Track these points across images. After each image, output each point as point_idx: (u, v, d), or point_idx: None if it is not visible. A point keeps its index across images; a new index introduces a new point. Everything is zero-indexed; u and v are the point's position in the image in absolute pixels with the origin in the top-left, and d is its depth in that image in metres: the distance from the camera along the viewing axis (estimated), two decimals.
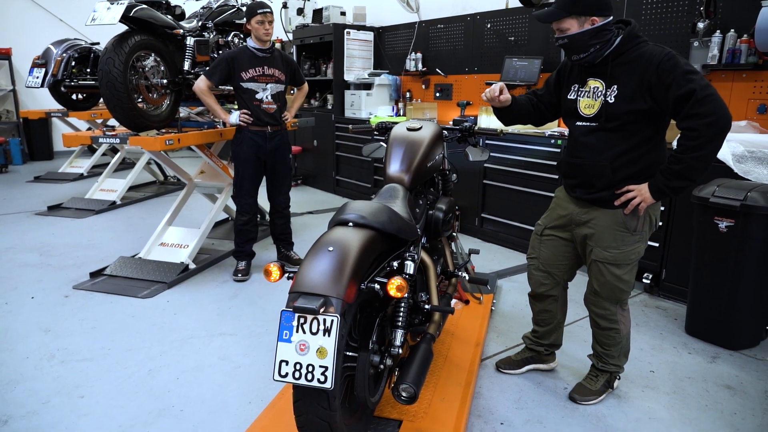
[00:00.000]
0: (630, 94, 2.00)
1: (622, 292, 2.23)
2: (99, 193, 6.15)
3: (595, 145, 2.12)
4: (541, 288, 2.47)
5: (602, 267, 2.20)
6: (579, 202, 2.25)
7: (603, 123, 2.08)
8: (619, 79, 2.02)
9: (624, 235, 2.14)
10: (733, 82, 3.59)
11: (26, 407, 2.33)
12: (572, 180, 2.26)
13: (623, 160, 2.08)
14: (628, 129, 2.05)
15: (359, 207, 1.93)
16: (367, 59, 6.61)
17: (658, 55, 1.93)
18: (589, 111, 2.13)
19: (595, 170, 2.12)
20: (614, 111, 2.04)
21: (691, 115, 1.87)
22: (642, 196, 2.05)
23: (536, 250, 2.46)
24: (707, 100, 1.84)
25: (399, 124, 2.60)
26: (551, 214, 2.41)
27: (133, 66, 3.53)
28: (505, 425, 2.23)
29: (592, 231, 2.20)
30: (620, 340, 2.31)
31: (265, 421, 2.14)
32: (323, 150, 6.83)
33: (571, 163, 2.23)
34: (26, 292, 3.55)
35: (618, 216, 2.13)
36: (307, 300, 1.60)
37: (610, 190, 2.11)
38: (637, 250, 2.18)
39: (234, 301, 3.46)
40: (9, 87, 8.60)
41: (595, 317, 2.32)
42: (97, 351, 2.81)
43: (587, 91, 2.13)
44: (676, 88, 1.88)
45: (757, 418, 2.30)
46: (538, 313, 2.56)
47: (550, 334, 2.56)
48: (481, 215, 4.77)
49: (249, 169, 3.71)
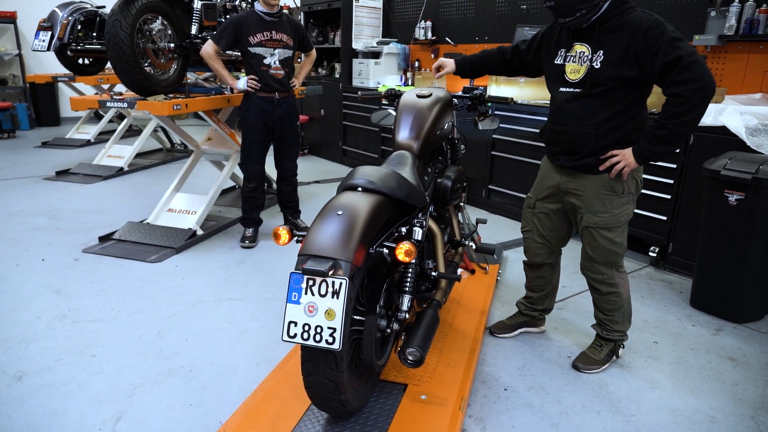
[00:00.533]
0: (616, 60, 2.00)
1: (617, 255, 2.26)
2: (106, 159, 6.16)
3: (579, 111, 2.13)
4: (538, 258, 2.52)
5: (594, 232, 2.23)
6: (564, 170, 2.27)
7: (588, 89, 2.08)
8: (606, 44, 2.02)
9: (612, 198, 2.18)
10: (749, 53, 3.52)
11: (40, 364, 2.38)
12: (556, 147, 2.27)
13: (607, 126, 2.09)
14: (612, 95, 2.06)
15: (368, 172, 1.93)
16: (375, 27, 6.51)
17: (645, 22, 1.93)
18: (574, 76, 2.13)
19: (579, 137, 2.14)
20: (599, 77, 2.04)
21: (677, 82, 1.88)
22: (626, 160, 2.07)
23: (530, 223, 2.50)
24: (693, 67, 1.84)
25: (409, 91, 2.57)
26: (539, 186, 2.44)
27: (140, 29, 3.50)
28: (508, 391, 2.27)
29: (580, 198, 2.23)
30: (622, 304, 2.34)
31: (273, 382, 2.18)
32: (330, 119, 6.79)
33: (555, 130, 2.25)
34: (37, 254, 3.60)
35: (604, 180, 2.16)
36: (317, 262, 1.62)
37: (594, 156, 2.14)
38: (626, 212, 2.21)
39: (241, 267, 3.50)
40: (15, 51, 8.54)
41: (594, 283, 2.35)
42: (108, 312, 2.86)
43: (573, 56, 2.13)
44: (663, 55, 1.89)
45: (759, 389, 2.32)
46: (533, 280, 2.61)
47: (544, 300, 2.63)
48: (489, 187, 4.76)
49: (256, 136, 3.69)
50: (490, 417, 2.10)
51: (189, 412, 2.10)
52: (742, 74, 3.57)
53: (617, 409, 2.16)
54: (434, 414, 2.00)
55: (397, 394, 2.11)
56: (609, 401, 2.21)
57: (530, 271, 2.62)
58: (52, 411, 2.09)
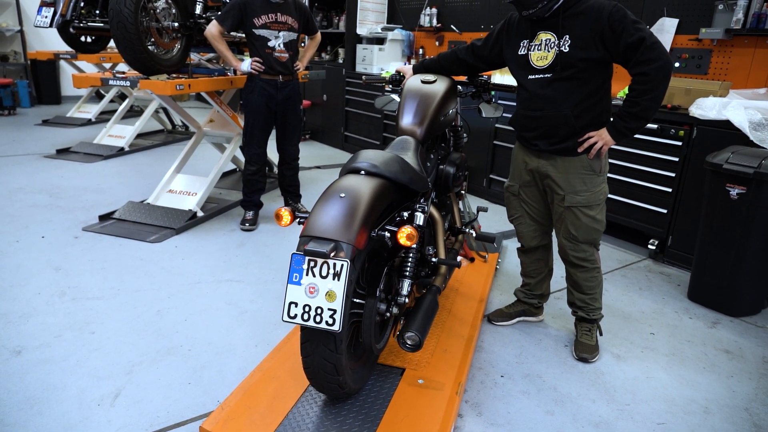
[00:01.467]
0: (583, 43, 2.10)
1: (597, 232, 2.35)
2: (107, 139, 6.14)
3: (554, 95, 2.20)
4: (534, 241, 2.57)
5: (577, 211, 2.29)
6: (542, 154, 2.33)
7: (558, 72, 2.16)
8: (572, 29, 2.12)
9: (592, 177, 2.27)
10: (756, 48, 3.50)
11: (39, 339, 2.39)
12: (531, 133, 2.32)
13: (582, 106, 2.19)
14: (582, 77, 2.15)
15: (372, 156, 1.93)
16: (380, 13, 6.45)
17: (607, 7, 2.05)
18: (542, 63, 2.20)
19: (557, 120, 2.21)
20: (569, 59, 2.13)
21: (642, 62, 2.01)
22: (603, 139, 2.19)
23: (518, 209, 2.55)
24: (655, 47, 1.99)
25: (413, 77, 2.56)
26: (518, 174, 2.49)
27: (144, 7, 3.46)
28: (505, 378, 2.28)
29: (560, 180, 2.29)
30: (601, 280, 2.45)
31: (271, 363, 2.19)
32: (333, 105, 6.76)
33: (530, 116, 2.30)
34: (37, 231, 3.60)
35: (583, 161, 2.25)
36: (318, 244, 1.62)
37: (573, 139, 2.22)
38: (603, 190, 2.32)
39: (241, 250, 3.50)
40: (16, 27, 8.47)
41: (579, 261, 2.39)
42: (107, 290, 2.87)
43: (538, 45, 2.21)
44: (627, 36, 2.01)
45: (753, 381, 2.34)
46: (530, 264, 2.65)
47: (542, 284, 2.66)
48: (490, 176, 4.75)
49: (259, 119, 3.68)
50: (486, 403, 2.12)
51: (187, 391, 2.12)
52: (748, 68, 3.55)
53: (612, 397, 2.18)
54: (431, 398, 2.01)
55: (395, 377, 2.13)
56: (604, 390, 2.23)
57: (526, 257, 2.65)
58: (51, 386, 2.10)
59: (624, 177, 3.66)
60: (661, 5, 3.90)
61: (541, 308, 2.75)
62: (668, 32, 3.87)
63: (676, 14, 3.84)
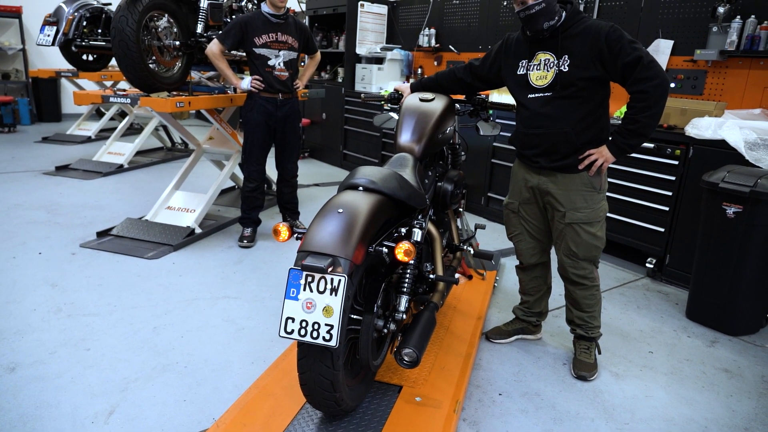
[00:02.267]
0: (582, 63, 2.14)
1: (597, 249, 2.36)
2: (107, 156, 6.16)
3: (554, 113, 2.23)
4: (533, 258, 2.57)
5: (577, 228, 2.30)
6: (542, 171, 2.35)
7: (558, 91, 2.20)
8: (570, 49, 2.16)
9: (592, 194, 2.28)
10: (750, 69, 3.55)
11: (33, 356, 2.37)
12: (532, 150, 2.34)
13: (583, 124, 2.22)
14: (581, 95, 2.19)
15: (369, 172, 1.94)
16: (379, 33, 6.54)
17: (604, 28, 2.10)
18: (541, 82, 2.24)
19: (558, 137, 2.24)
20: (569, 78, 2.17)
21: (640, 79, 2.05)
22: (603, 156, 2.21)
23: (517, 227, 2.56)
24: (651, 66, 2.04)
25: (412, 95, 2.59)
26: (518, 192, 2.50)
27: (146, 26, 3.51)
28: (503, 396, 2.26)
29: (561, 196, 2.31)
30: (600, 298, 2.45)
31: (267, 380, 2.17)
32: (332, 123, 6.80)
33: (531, 134, 2.33)
34: (34, 247, 3.59)
35: (584, 178, 2.27)
36: (316, 259, 1.62)
37: (574, 156, 2.25)
38: (603, 207, 2.33)
39: (239, 266, 3.49)
40: (19, 46, 8.55)
41: (579, 279, 2.39)
42: (103, 307, 2.85)
43: (537, 65, 2.25)
44: (624, 55, 2.06)
45: (753, 401, 2.32)
46: (529, 282, 2.64)
47: (540, 302, 2.65)
48: (488, 194, 4.77)
49: (258, 136, 3.70)
50: (484, 421, 2.10)
51: (182, 408, 2.10)
52: (743, 89, 3.60)
53: (611, 416, 2.16)
54: (428, 416, 1.99)
55: (392, 395, 2.11)
56: (603, 409, 2.21)
57: (524, 274, 2.64)
58: (45, 403, 2.08)
59: (622, 196, 3.67)
60: (656, 27, 3.97)
61: (540, 326, 2.74)
62: (664, 53, 3.93)
63: (671, 36, 3.90)
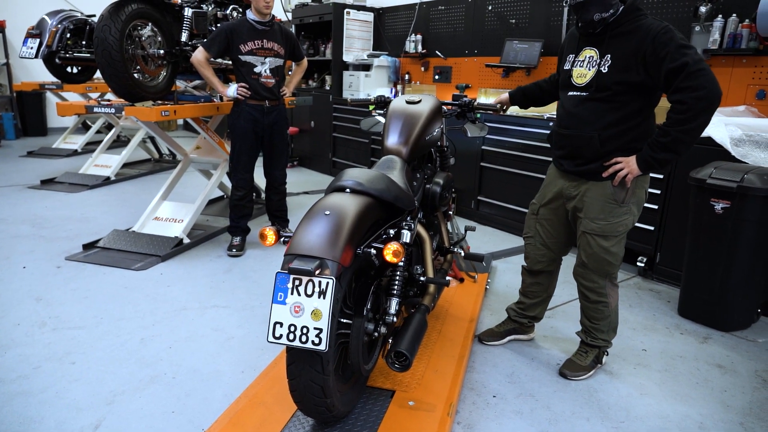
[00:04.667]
0: (623, 65, 2.01)
1: (610, 265, 2.25)
2: (93, 169, 6.10)
3: (585, 115, 2.14)
4: (538, 265, 2.50)
5: (590, 238, 2.22)
6: (567, 175, 2.28)
7: (593, 92, 2.10)
8: (614, 49, 2.04)
9: (612, 207, 2.16)
10: (733, 67, 3.58)
11: (17, 371, 2.32)
12: (560, 151, 2.28)
13: (612, 131, 2.09)
14: (618, 100, 2.06)
15: (356, 174, 1.92)
16: (366, 40, 6.55)
17: (654, 29, 1.95)
18: (580, 80, 2.15)
19: (583, 140, 2.14)
20: (606, 81, 2.05)
21: (681, 89, 1.90)
22: (629, 167, 2.08)
23: (532, 229, 2.49)
24: (698, 74, 1.86)
25: (398, 97, 2.58)
26: (543, 192, 2.44)
27: (129, 35, 3.48)
28: (497, 398, 2.24)
29: (582, 203, 2.22)
30: (609, 314, 2.34)
31: (257, 389, 2.13)
32: (320, 131, 6.79)
33: (561, 134, 2.25)
34: (18, 261, 3.52)
35: (606, 188, 2.15)
36: (303, 262, 1.59)
37: (598, 162, 2.14)
38: (625, 222, 2.19)
39: (228, 275, 3.45)
40: (2, 60, 8.48)
41: (584, 290, 2.34)
42: (89, 320, 2.80)
43: (581, 61, 2.15)
44: (670, 61, 1.90)
45: (747, 395, 2.31)
46: (530, 286, 2.59)
47: (536, 307, 2.60)
48: (478, 198, 4.77)
49: (246, 144, 3.68)
50: (478, 424, 2.07)
51: (171, 420, 2.05)
52: (726, 87, 3.62)
53: (606, 415, 2.14)
54: (422, 420, 1.96)
55: (385, 400, 2.08)
56: (598, 408, 2.19)
57: (528, 277, 2.59)
58: (28, 418, 2.02)
59: None
60: None
61: (533, 326, 2.71)
62: None
63: None
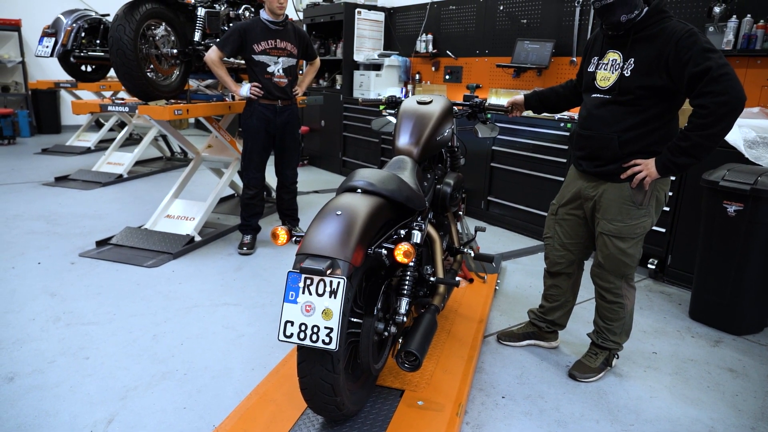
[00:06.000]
0: (646, 69, 2.00)
1: (627, 267, 2.24)
2: (106, 166, 6.16)
3: (606, 117, 2.13)
4: (556, 267, 2.50)
5: (607, 239, 2.22)
6: (586, 176, 2.27)
7: (616, 96, 2.09)
8: (638, 52, 2.02)
9: (630, 208, 2.15)
10: (747, 68, 3.55)
11: (32, 365, 2.35)
12: (580, 152, 2.28)
13: (632, 134, 2.08)
14: (640, 104, 2.05)
15: (368, 174, 1.93)
16: (377, 40, 6.56)
17: (678, 32, 1.92)
18: (604, 83, 2.14)
19: (602, 142, 2.14)
20: (628, 85, 2.04)
21: (704, 93, 1.87)
22: (648, 170, 2.06)
23: (551, 230, 2.49)
24: (722, 79, 1.83)
25: (409, 98, 2.59)
26: (562, 193, 2.44)
27: (143, 35, 3.52)
28: (506, 399, 2.24)
29: (600, 204, 2.22)
30: (623, 316, 2.32)
31: (268, 386, 2.15)
32: (331, 130, 6.81)
33: (581, 135, 2.25)
34: (33, 257, 3.58)
35: (625, 190, 2.14)
36: (314, 261, 1.61)
37: (616, 163, 2.13)
38: (643, 224, 2.18)
39: (239, 273, 3.48)
40: (18, 59, 8.59)
41: (601, 290, 2.33)
42: (102, 315, 2.83)
43: (605, 64, 2.14)
44: (693, 65, 1.87)
45: (759, 400, 2.30)
46: (549, 288, 2.58)
47: (555, 311, 2.57)
48: (488, 198, 4.76)
49: (258, 143, 3.70)
50: (487, 424, 2.07)
51: (182, 416, 2.07)
52: None
53: (616, 418, 2.14)
54: (431, 419, 1.97)
55: (394, 399, 2.09)
56: (608, 410, 2.19)
57: (547, 279, 2.58)
58: (43, 412, 2.05)
59: None
60: None
61: (555, 334, 2.66)
62: None
63: None
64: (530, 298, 3.24)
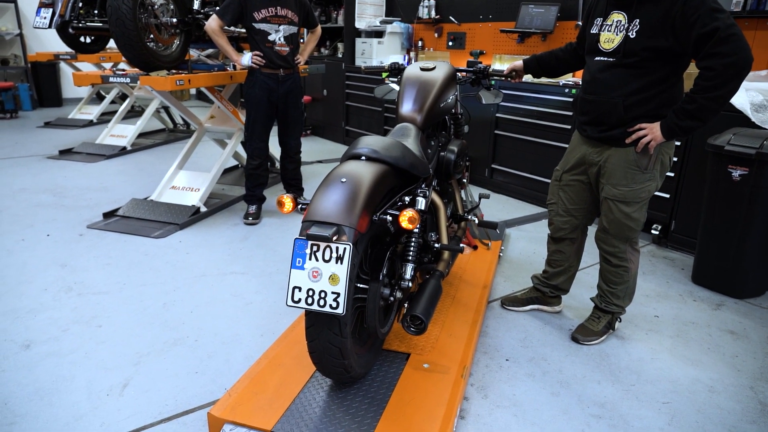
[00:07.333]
0: (651, 30, 1.97)
1: (631, 231, 2.25)
2: (109, 139, 6.17)
3: (610, 81, 2.11)
4: (560, 232, 2.51)
5: (612, 204, 2.22)
6: (591, 141, 2.26)
7: (620, 58, 2.06)
8: (643, 13, 1.99)
9: (635, 173, 2.15)
10: (756, 30, 3.49)
11: (47, 333, 2.41)
12: (584, 117, 2.26)
13: (636, 98, 2.07)
14: (645, 66, 2.03)
15: (372, 141, 1.93)
16: (378, 6, 6.45)
17: None
18: (608, 45, 2.10)
19: (607, 106, 2.12)
20: (633, 46, 2.01)
21: (711, 54, 1.84)
22: (653, 134, 2.05)
23: (555, 195, 2.49)
24: (730, 40, 1.80)
25: (413, 64, 2.57)
26: (566, 159, 2.43)
27: (142, 4, 3.47)
28: (510, 361, 2.29)
29: (604, 169, 2.22)
30: (628, 279, 2.35)
31: (277, 351, 2.20)
32: (333, 100, 6.76)
33: (585, 100, 2.23)
34: (42, 229, 3.62)
35: (630, 154, 2.14)
36: (321, 228, 1.63)
37: (621, 128, 2.12)
38: (648, 188, 2.18)
39: (245, 243, 3.51)
40: (16, 31, 8.49)
41: (606, 255, 2.35)
42: (113, 285, 2.89)
43: (609, 25, 2.11)
44: (700, 26, 1.84)
45: (758, 360, 2.34)
46: (552, 254, 2.60)
47: (558, 276, 2.60)
48: (492, 166, 4.75)
49: (261, 113, 3.69)
50: (491, 386, 2.13)
51: (195, 379, 2.14)
52: None
53: (617, 378, 2.19)
54: (436, 381, 2.02)
55: (400, 362, 2.14)
56: (609, 371, 2.24)
57: (551, 244, 2.59)
58: (60, 377, 2.12)
59: None
60: None
61: (558, 298, 2.69)
62: None
63: None
64: (534, 264, 3.27)
